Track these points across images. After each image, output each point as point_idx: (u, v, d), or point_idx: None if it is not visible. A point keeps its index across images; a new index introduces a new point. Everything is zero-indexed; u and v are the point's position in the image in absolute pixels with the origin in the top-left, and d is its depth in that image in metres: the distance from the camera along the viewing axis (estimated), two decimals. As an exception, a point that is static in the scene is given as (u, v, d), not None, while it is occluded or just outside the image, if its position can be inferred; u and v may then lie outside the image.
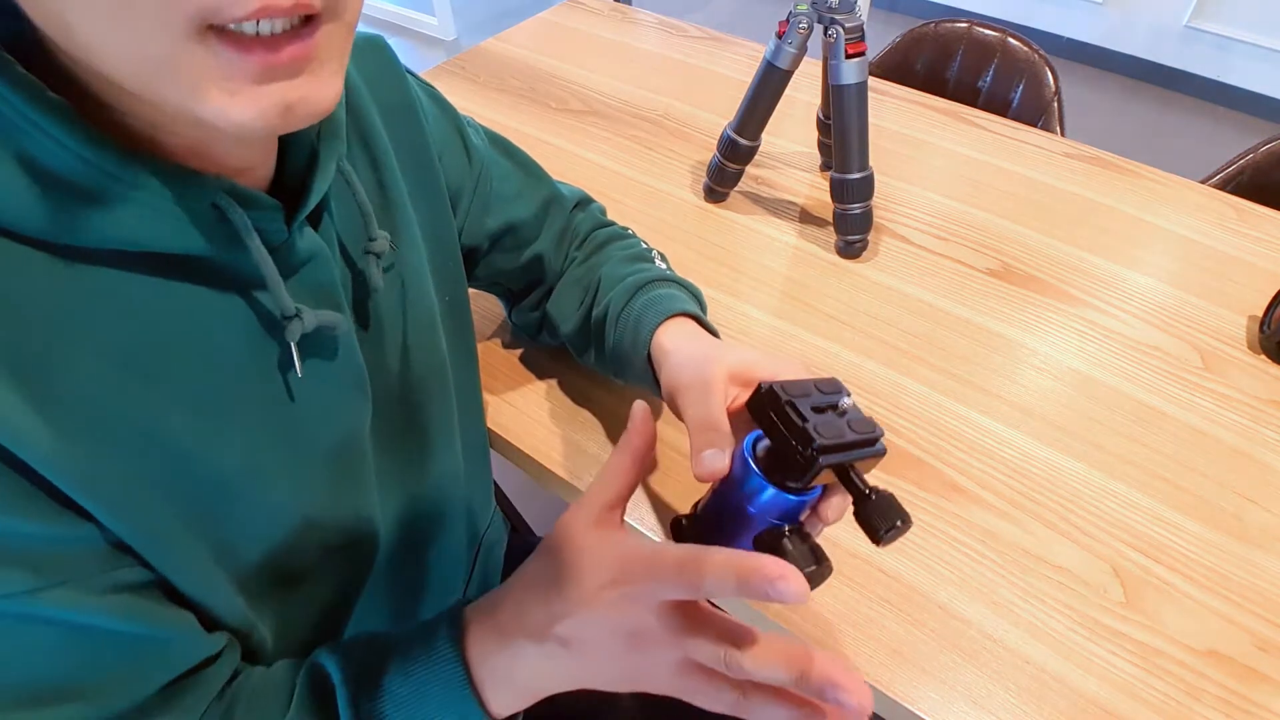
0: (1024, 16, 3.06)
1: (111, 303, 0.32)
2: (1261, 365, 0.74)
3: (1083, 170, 0.99)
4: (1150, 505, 0.63)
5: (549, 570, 0.39)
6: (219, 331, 0.36)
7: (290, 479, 0.40)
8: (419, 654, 0.39)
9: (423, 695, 0.38)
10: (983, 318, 0.79)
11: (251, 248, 0.35)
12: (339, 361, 0.42)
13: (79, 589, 0.32)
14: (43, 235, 0.30)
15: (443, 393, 0.54)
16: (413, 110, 0.53)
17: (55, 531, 0.31)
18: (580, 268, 0.66)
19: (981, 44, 1.29)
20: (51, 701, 0.33)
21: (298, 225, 0.38)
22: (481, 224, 0.61)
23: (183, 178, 0.32)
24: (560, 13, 1.33)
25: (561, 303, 0.66)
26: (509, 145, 0.66)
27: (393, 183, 0.49)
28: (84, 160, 0.30)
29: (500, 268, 0.65)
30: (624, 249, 0.66)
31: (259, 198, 0.35)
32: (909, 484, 0.64)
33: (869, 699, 0.33)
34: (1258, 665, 0.54)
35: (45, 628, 0.32)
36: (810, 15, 0.78)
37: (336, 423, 0.43)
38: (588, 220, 0.69)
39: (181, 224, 0.33)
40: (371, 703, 0.38)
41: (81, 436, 0.31)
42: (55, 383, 0.30)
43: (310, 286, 0.40)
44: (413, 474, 0.52)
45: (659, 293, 0.59)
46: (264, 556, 0.41)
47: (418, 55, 3.09)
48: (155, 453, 0.34)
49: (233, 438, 0.37)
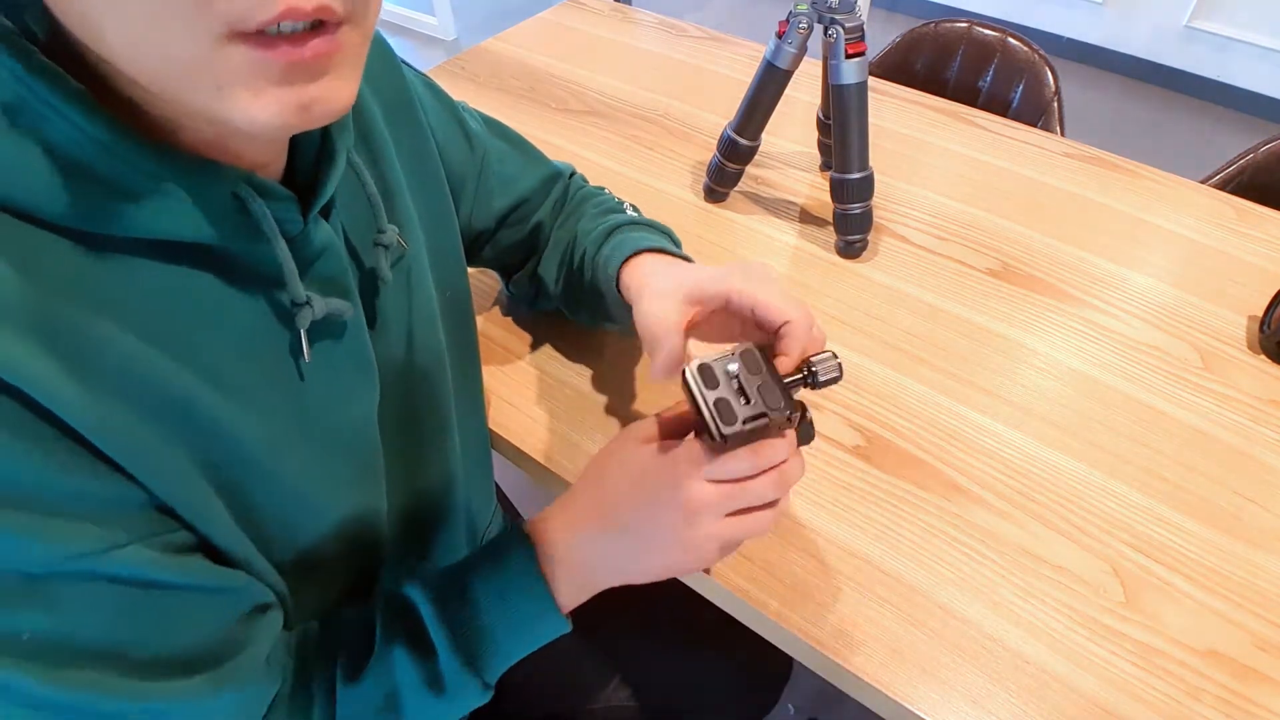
0: (1024, 16, 3.06)
1: (134, 286, 0.33)
2: (1261, 365, 0.74)
3: (1083, 170, 0.99)
4: (1150, 505, 0.63)
5: (608, 475, 0.46)
6: (235, 317, 0.37)
7: (305, 459, 0.41)
8: (495, 561, 0.45)
9: (505, 597, 0.44)
10: (983, 318, 0.79)
11: (271, 238, 0.35)
12: (346, 348, 0.43)
13: (145, 547, 0.33)
14: (66, 222, 0.30)
15: (442, 387, 0.54)
16: (411, 105, 0.53)
17: (113, 492, 0.32)
18: (561, 229, 0.70)
19: (981, 44, 1.29)
20: (129, 660, 0.34)
21: (313, 217, 0.39)
22: (490, 207, 0.64)
23: (203, 169, 0.33)
24: (560, 13, 1.33)
25: (548, 264, 0.69)
26: (502, 127, 0.68)
27: (393, 177, 0.50)
28: (106, 149, 0.30)
29: (507, 244, 0.68)
30: (597, 205, 0.69)
31: (276, 189, 0.36)
32: (909, 484, 0.64)
33: None
34: (1258, 665, 0.54)
35: (119, 586, 0.33)
36: (810, 15, 0.78)
37: (345, 408, 0.44)
38: (574, 187, 0.73)
39: (201, 214, 0.33)
40: (460, 611, 0.44)
41: (118, 405, 0.32)
42: (89, 352, 0.31)
43: (322, 276, 0.40)
44: (413, 468, 0.52)
45: (626, 236, 0.62)
46: (283, 537, 0.42)
47: (418, 55, 3.09)
48: (187, 424, 0.35)
49: (252, 415, 0.38)
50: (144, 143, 0.31)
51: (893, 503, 0.63)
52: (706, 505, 0.43)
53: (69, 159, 0.30)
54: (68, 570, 0.31)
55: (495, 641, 0.44)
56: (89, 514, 0.31)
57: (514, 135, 0.69)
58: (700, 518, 0.43)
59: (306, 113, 0.31)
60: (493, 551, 0.47)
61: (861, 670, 0.53)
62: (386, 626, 0.44)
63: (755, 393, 0.44)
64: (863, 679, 0.53)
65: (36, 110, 0.29)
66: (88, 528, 0.31)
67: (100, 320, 0.31)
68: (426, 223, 0.53)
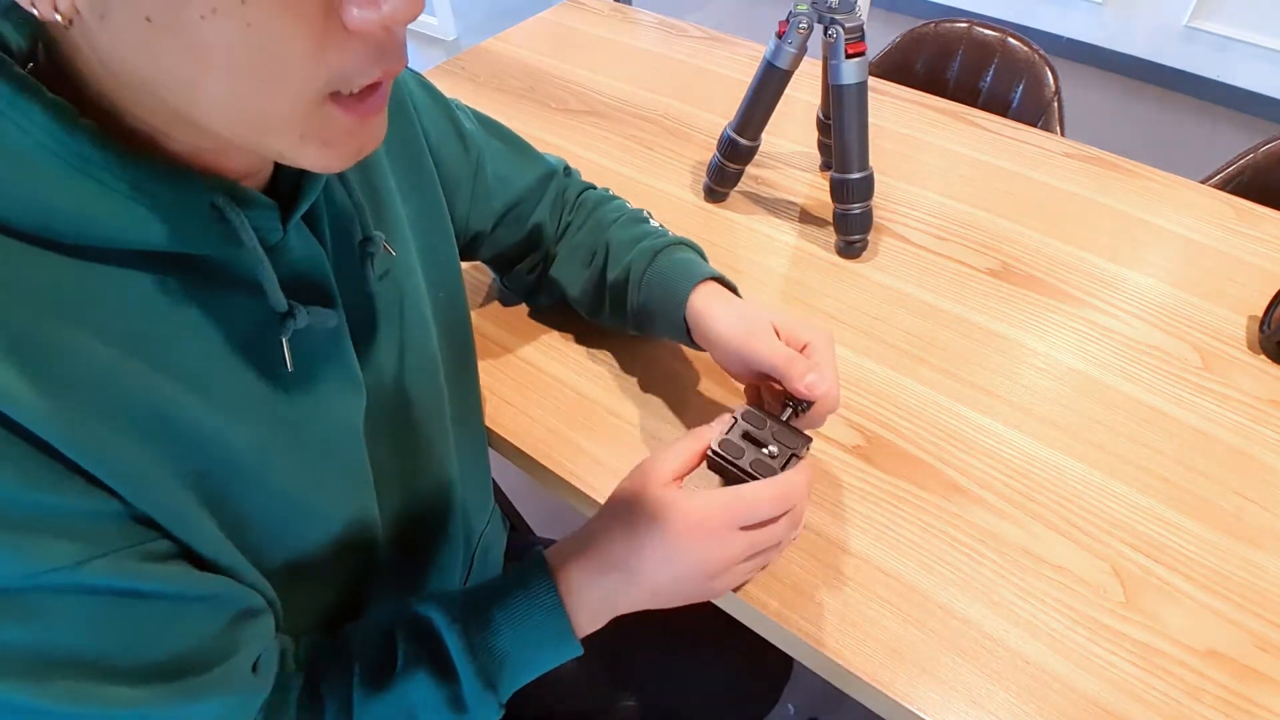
0: (1024, 16, 3.06)
1: (112, 296, 0.33)
2: (1261, 365, 0.74)
3: (1082, 170, 0.99)
4: (1150, 505, 0.63)
5: (630, 517, 0.48)
6: (217, 326, 0.36)
7: (291, 467, 0.41)
8: (518, 590, 0.47)
9: (526, 622, 0.46)
10: (983, 318, 0.79)
11: (248, 247, 0.35)
12: (330, 357, 0.43)
13: (123, 557, 0.33)
14: (43, 233, 0.30)
15: (436, 390, 0.54)
16: (403, 107, 0.53)
17: (88, 505, 0.32)
18: (581, 232, 0.70)
19: (981, 44, 1.29)
20: (110, 668, 0.34)
21: (293, 224, 0.38)
22: (488, 206, 0.65)
23: (182, 178, 0.33)
24: (560, 13, 1.33)
25: (567, 268, 0.70)
26: (496, 125, 0.68)
27: (381, 181, 0.49)
28: (84, 160, 0.30)
29: (505, 243, 0.69)
30: (617, 211, 0.70)
31: (256, 197, 0.36)
32: (909, 484, 0.64)
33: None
34: (1258, 665, 0.54)
35: (98, 597, 0.33)
36: (810, 15, 0.78)
37: (328, 417, 0.44)
38: (573, 185, 0.73)
39: (180, 224, 0.33)
40: (480, 635, 0.45)
41: (90, 417, 0.31)
42: (59, 366, 0.31)
43: (304, 284, 0.40)
44: (408, 472, 0.52)
45: (680, 257, 0.64)
46: (272, 544, 0.42)
47: (418, 55, 3.09)
48: (166, 433, 0.34)
49: (237, 423, 0.37)
50: (123, 153, 0.31)
51: (893, 503, 0.63)
52: (732, 561, 0.47)
53: (45, 170, 0.30)
54: (44, 584, 0.31)
55: (514, 665, 0.46)
56: (64, 528, 0.31)
57: (508, 133, 0.68)
58: (725, 573, 0.48)
59: (359, 156, 0.34)
60: (516, 581, 0.48)
61: (861, 670, 0.53)
62: (408, 645, 0.45)
63: (773, 440, 0.50)
64: (863, 679, 0.53)
65: (10, 120, 0.29)
66: (62, 542, 0.31)
67: (77, 332, 0.31)
68: (418, 225, 0.53)
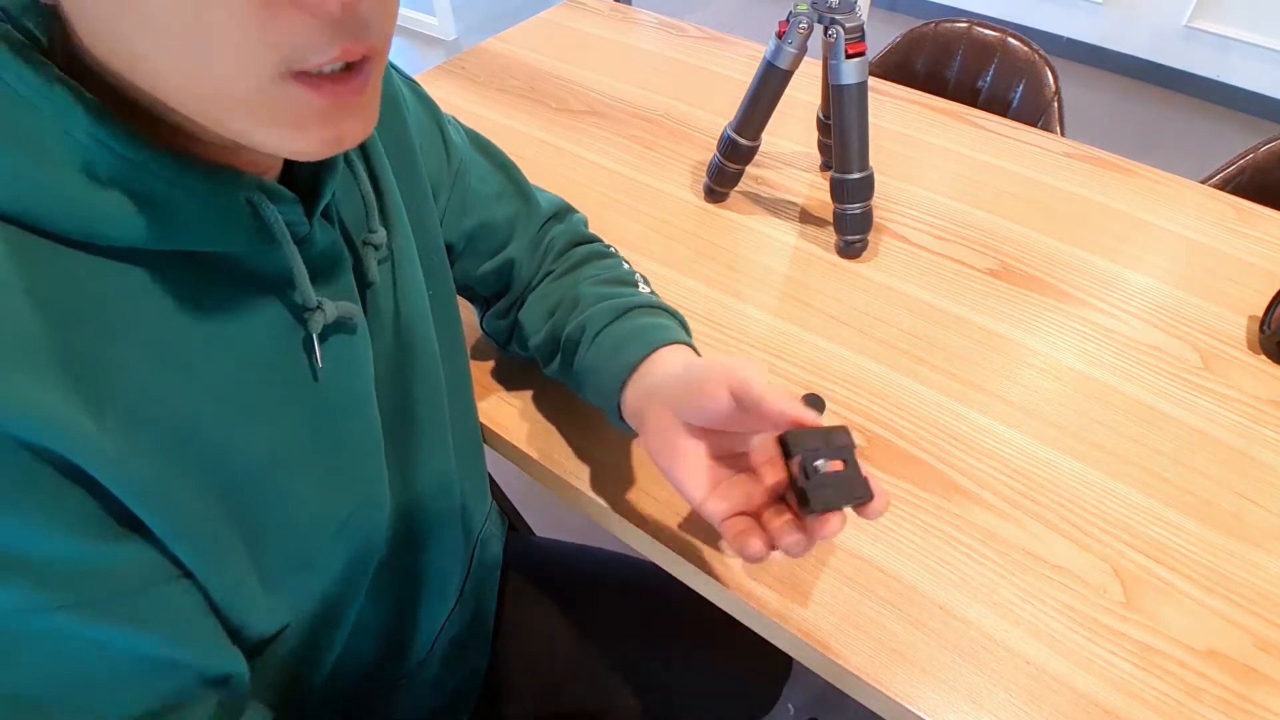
0: (1024, 16, 3.06)
1: (147, 299, 0.33)
2: (1261, 365, 0.74)
3: (1082, 170, 0.99)
4: (1150, 505, 0.63)
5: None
6: (244, 324, 0.36)
7: (313, 466, 0.41)
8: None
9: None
10: (983, 318, 0.79)
11: (282, 242, 0.35)
12: (354, 351, 0.43)
13: (98, 608, 0.32)
14: (84, 236, 0.30)
15: (434, 386, 0.54)
16: (395, 103, 0.53)
17: (101, 549, 0.31)
18: (556, 282, 0.65)
19: (981, 44, 1.29)
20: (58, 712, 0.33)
21: (316, 218, 0.39)
22: (459, 223, 0.61)
23: (218, 175, 0.33)
24: (560, 13, 1.33)
25: (532, 313, 0.65)
26: (489, 146, 0.65)
27: (384, 174, 0.50)
28: (124, 160, 0.30)
29: (471, 270, 0.64)
30: (605, 269, 0.65)
31: (282, 192, 0.36)
32: (909, 484, 0.64)
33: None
34: (1258, 665, 0.54)
35: (54, 642, 0.32)
36: (810, 15, 0.78)
37: (355, 408, 0.44)
38: (566, 233, 0.68)
39: (218, 222, 0.33)
40: None
41: (129, 434, 0.31)
42: (108, 382, 0.31)
43: (328, 278, 0.40)
44: (408, 467, 0.52)
45: (648, 321, 0.58)
46: (284, 544, 0.42)
47: (418, 55, 3.09)
48: (191, 445, 0.34)
49: (258, 427, 0.37)
50: (162, 152, 0.31)
51: (892, 503, 0.63)
52: None
53: (88, 171, 0.30)
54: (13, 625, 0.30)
55: None
56: (41, 571, 0.30)
57: (500, 156, 0.66)
58: None
59: (339, 145, 0.32)
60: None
61: (861, 670, 0.53)
62: None
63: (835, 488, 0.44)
64: (863, 679, 0.53)
65: (54, 123, 0.29)
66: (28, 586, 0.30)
67: (116, 342, 0.31)
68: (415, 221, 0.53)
